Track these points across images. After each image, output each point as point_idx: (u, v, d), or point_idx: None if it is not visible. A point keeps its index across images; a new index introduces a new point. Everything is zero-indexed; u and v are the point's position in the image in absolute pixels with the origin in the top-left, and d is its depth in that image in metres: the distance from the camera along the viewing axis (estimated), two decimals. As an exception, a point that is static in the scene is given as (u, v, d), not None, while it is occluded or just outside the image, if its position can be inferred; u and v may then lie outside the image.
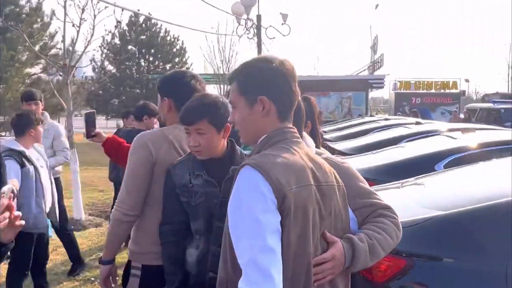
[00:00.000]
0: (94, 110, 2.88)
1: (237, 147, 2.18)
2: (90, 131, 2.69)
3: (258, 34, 10.66)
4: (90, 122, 2.71)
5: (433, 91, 26.75)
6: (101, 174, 10.31)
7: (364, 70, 24.85)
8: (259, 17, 10.66)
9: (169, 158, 2.14)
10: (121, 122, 9.16)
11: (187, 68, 28.40)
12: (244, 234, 1.33)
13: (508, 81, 36.15)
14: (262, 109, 1.47)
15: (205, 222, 2.04)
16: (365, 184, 1.74)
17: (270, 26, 10.65)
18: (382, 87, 22.57)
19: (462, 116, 19.17)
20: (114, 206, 2.17)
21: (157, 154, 2.13)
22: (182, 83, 2.26)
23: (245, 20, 10.42)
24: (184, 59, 28.45)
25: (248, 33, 10.64)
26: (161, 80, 2.34)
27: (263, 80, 1.48)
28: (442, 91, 26.66)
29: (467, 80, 32.05)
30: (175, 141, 2.19)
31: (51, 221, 3.78)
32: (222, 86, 22.29)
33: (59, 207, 4.10)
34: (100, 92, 24.03)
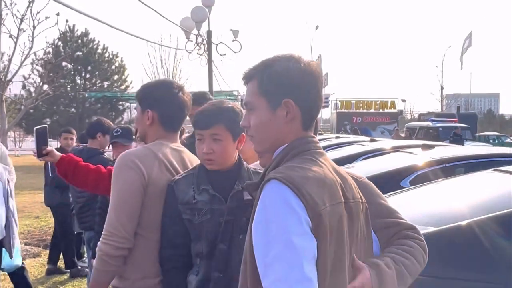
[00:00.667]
0: (46, 126, 2.57)
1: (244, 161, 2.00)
2: (42, 149, 2.38)
3: (209, 50, 10.49)
4: (41, 139, 2.40)
5: (372, 110, 27.86)
6: (35, 199, 9.70)
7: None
8: (209, 33, 10.51)
9: (162, 179, 1.91)
10: (55, 143, 8.58)
11: (126, 86, 27.67)
12: (276, 261, 1.12)
13: (441, 101, 38.43)
14: (286, 114, 1.29)
15: (208, 244, 1.83)
16: (386, 202, 1.58)
17: (221, 42, 10.57)
18: (327, 106, 23.18)
19: (403, 134, 19.99)
20: (101, 239, 1.86)
21: (149, 174, 1.89)
22: (169, 94, 2.04)
23: (196, 35, 10.23)
24: (123, 77, 27.67)
25: (199, 49, 10.44)
26: (144, 90, 2.10)
27: (291, 81, 1.30)
28: (381, 110, 27.84)
29: (403, 100, 33.82)
30: (165, 159, 1.96)
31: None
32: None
33: None
34: (31, 111, 22.68)
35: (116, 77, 27.30)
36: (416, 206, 3.09)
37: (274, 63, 1.32)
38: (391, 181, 4.54)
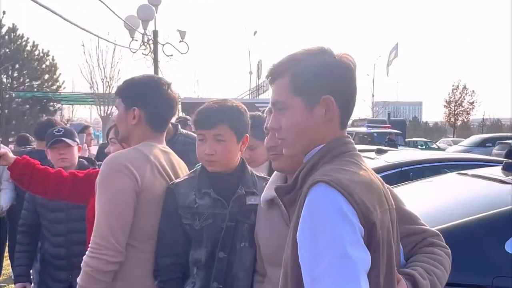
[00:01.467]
0: None
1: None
2: None
3: (155, 51, 10.15)
4: None
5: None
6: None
7: (247, 95, 25.45)
8: (155, 32, 10.17)
9: (155, 184, 1.77)
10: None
11: (58, 86, 26.29)
12: (327, 275, 1.00)
13: (372, 108, 40.13)
14: (325, 112, 1.20)
15: (208, 252, 1.72)
16: (409, 208, 1.53)
17: (167, 43, 10.26)
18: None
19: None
20: (89, 253, 1.67)
21: (142, 179, 1.73)
22: (158, 91, 1.88)
23: (142, 34, 9.85)
24: (55, 76, 26.23)
25: (144, 49, 10.07)
26: (129, 85, 1.92)
27: (329, 75, 1.20)
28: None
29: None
30: (157, 162, 1.81)
31: None
32: (102, 107, 20.88)
33: None
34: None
35: (47, 76, 25.81)
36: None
37: (307, 57, 1.22)
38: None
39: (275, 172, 1.70)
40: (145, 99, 1.85)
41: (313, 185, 1.09)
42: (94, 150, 5.75)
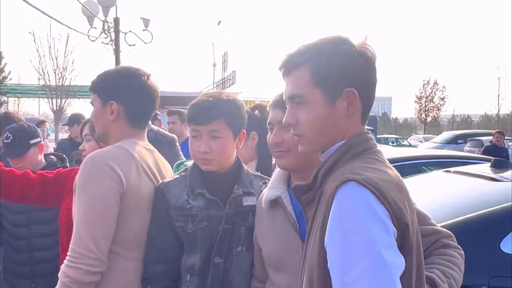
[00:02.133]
0: None
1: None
2: None
3: (116, 40, 9.89)
4: None
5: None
6: None
7: (212, 88, 25.29)
8: (117, 20, 9.90)
9: (141, 185, 1.70)
10: None
11: (3, 77, 25.33)
12: (360, 280, 0.98)
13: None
14: (348, 106, 1.18)
15: (202, 257, 1.68)
16: (419, 207, 1.53)
17: (130, 31, 10.01)
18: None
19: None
20: (67, 262, 1.57)
21: (127, 180, 1.66)
22: (138, 83, 1.81)
23: (103, 22, 9.56)
24: (0, 67, 25.25)
25: (105, 37, 9.78)
26: (104, 78, 1.84)
27: (353, 66, 1.18)
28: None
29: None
30: (142, 161, 1.75)
31: None
32: (54, 100, 20.20)
33: None
34: None
35: (-10, 66, 24.84)
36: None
37: (327, 47, 1.19)
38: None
39: (277, 171, 1.68)
40: (124, 91, 1.78)
41: (342, 184, 1.05)
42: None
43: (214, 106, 1.70)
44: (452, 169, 3.53)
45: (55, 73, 18.21)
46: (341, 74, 1.17)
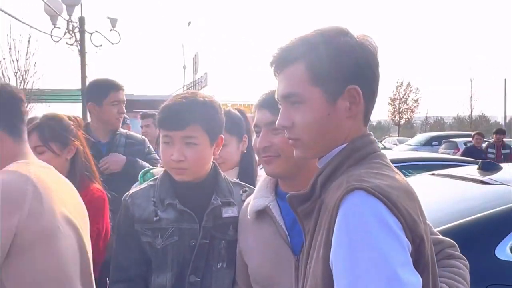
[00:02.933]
0: None
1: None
2: None
3: (82, 40, 9.64)
4: None
5: (250, 114, 28.55)
6: None
7: (183, 91, 25.05)
8: (82, 19, 9.66)
9: (44, 216, 1.40)
10: None
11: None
12: None
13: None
14: (350, 106, 1.08)
15: (174, 275, 1.57)
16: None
17: (96, 31, 9.76)
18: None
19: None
20: None
21: (24, 213, 1.36)
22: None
23: (67, 21, 9.29)
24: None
25: (70, 37, 9.52)
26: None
27: (355, 61, 1.08)
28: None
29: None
30: (40, 185, 1.43)
31: None
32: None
33: None
34: None
35: None
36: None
37: (325, 40, 1.08)
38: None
39: (263, 177, 1.58)
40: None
41: (348, 193, 0.95)
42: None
43: (188, 109, 1.58)
44: (437, 172, 3.51)
45: (16, 76, 17.69)
46: (342, 69, 1.06)
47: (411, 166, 5.02)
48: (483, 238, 2.39)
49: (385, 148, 26.40)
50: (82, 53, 9.67)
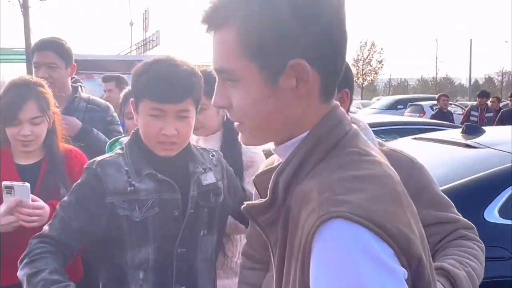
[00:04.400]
0: None
1: None
2: None
3: (24, -6, 9.19)
4: None
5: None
6: None
7: (130, 51, 24.47)
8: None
9: None
10: None
11: None
12: None
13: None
14: (297, 84, 0.85)
15: (157, 249, 1.58)
16: (440, 191, 1.54)
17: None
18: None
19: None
20: None
21: None
22: None
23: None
24: None
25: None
26: None
27: (301, 24, 0.83)
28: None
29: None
30: None
31: None
32: None
33: None
34: None
35: None
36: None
37: None
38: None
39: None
40: None
41: (324, 223, 0.77)
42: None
43: (184, 81, 1.56)
44: (420, 136, 3.66)
45: None
46: (281, 38, 0.82)
47: (382, 131, 5.17)
48: (472, 201, 2.53)
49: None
50: (25, 7, 9.23)
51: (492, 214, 2.49)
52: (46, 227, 1.57)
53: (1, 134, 2.04)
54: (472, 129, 3.35)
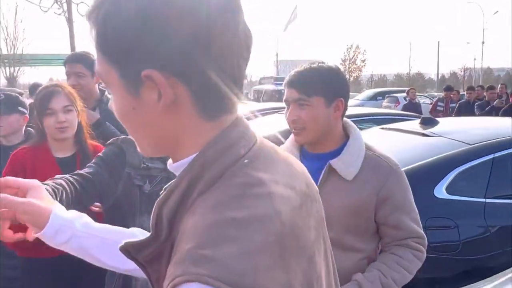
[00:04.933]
0: None
1: None
2: None
3: (69, 10, 9.17)
4: None
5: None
6: None
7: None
8: (68, -9, 9.16)
9: None
10: None
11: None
12: None
13: (277, 66, 40.77)
14: (159, 97, 0.60)
15: None
16: (410, 198, 1.53)
17: (82, 2, 9.30)
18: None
19: (251, 97, 20.70)
20: None
21: None
22: None
23: (55, -7, 8.81)
24: None
25: (58, 8, 9.03)
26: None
27: (159, 32, 0.57)
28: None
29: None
30: None
31: None
32: (8, 69, 18.77)
33: None
34: None
35: None
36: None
37: None
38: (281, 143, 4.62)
39: (290, 139, 1.58)
40: None
41: (175, 286, 0.53)
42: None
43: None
44: (386, 126, 3.64)
45: (6, 42, 16.83)
46: (136, 45, 0.57)
47: (364, 120, 5.16)
48: (424, 181, 2.54)
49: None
50: (69, 22, 9.22)
51: (441, 191, 2.49)
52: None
53: (37, 131, 2.06)
54: (428, 121, 3.33)
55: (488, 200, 2.51)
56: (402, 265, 1.42)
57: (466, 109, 7.92)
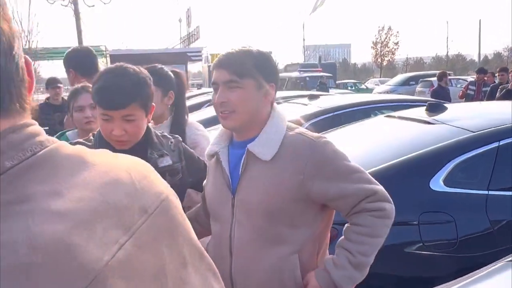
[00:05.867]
0: None
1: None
2: None
3: (75, 1, 9.36)
4: None
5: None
6: None
7: (178, 44, 24.59)
8: (74, -19, 9.34)
9: None
10: None
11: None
12: None
13: (304, 52, 40.43)
14: None
15: None
16: (345, 162, 1.47)
17: (88, -8, 9.47)
18: (201, 60, 22.85)
19: (274, 85, 20.60)
20: None
21: None
22: None
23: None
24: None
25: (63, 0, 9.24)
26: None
27: None
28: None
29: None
30: None
31: None
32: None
33: None
34: None
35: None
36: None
37: None
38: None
39: (220, 128, 1.63)
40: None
41: None
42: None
43: (126, 90, 1.55)
44: (391, 114, 3.56)
45: (21, 36, 17.41)
46: None
47: (381, 108, 5.07)
48: (419, 172, 2.47)
49: (367, 88, 26.21)
50: (76, 13, 9.41)
51: (438, 183, 2.41)
52: None
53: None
54: (435, 107, 3.23)
55: (491, 193, 2.41)
56: (364, 233, 1.42)
57: (496, 93, 7.62)
